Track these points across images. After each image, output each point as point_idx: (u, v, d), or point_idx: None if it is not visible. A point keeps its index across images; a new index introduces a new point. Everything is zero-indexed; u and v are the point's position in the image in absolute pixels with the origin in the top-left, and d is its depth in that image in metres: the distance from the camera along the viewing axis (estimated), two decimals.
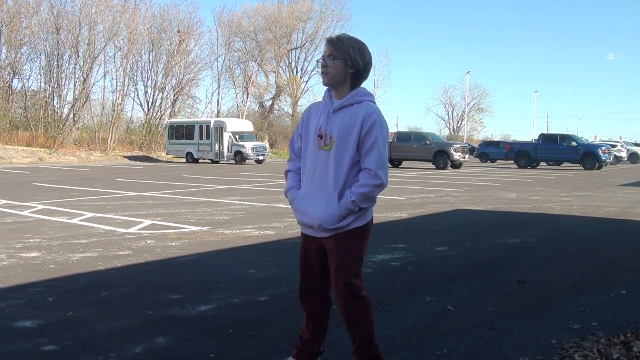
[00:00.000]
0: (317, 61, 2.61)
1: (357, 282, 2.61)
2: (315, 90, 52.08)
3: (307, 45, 54.33)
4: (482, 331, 3.46)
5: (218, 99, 49.11)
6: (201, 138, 30.05)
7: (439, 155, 24.74)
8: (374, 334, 2.68)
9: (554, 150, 26.53)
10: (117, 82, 37.09)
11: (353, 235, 2.56)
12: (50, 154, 29.68)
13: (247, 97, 48.19)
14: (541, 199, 11.57)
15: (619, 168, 29.06)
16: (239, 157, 28.55)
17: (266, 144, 34.01)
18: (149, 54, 40.24)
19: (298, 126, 2.73)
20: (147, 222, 7.78)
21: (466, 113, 74.69)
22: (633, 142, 43.70)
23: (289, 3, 53.45)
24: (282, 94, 52.93)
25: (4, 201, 10.35)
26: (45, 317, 3.64)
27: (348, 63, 2.51)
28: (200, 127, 30.25)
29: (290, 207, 2.72)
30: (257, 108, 51.49)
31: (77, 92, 34.83)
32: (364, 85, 2.65)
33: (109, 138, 35.04)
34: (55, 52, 34.42)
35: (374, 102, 2.60)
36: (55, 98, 34.96)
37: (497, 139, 63.09)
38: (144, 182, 15.48)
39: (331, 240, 2.57)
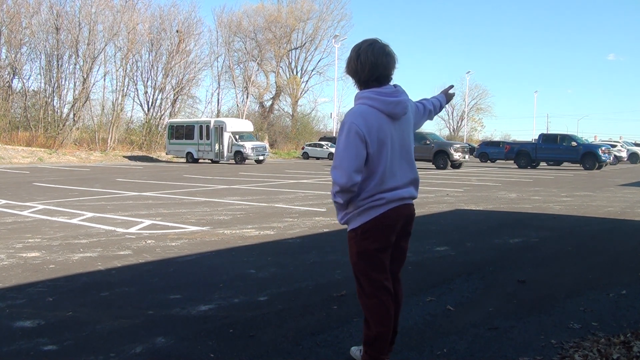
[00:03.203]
0: None
1: (362, 279, 2.66)
2: (315, 90, 52.19)
3: (307, 45, 54.44)
4: (482, 331, 3.46)
5: (218, 99, 49.23)
6: (201, 138, 30.05)
7: (439, 155, 24.71)
8: (382, 337, 2.66)
9: (554, 150, 26.50)
10: (117, 82, 37.17)
11: (349, 237, 2.71)
12: (50, 154, 29.68)
13: (247, 97, 48.21)
14: (541, 199, 11.57)
15: (619, 168, 29.05)
16: (239, 157, 28.55)
17: (266, 144, 34.00)
18: (149, 54, 40.33)
19: None
20: (147, 222, 7.78)
21: (466, 113, 74.74)
22: (633, 142, 43.68)
23: (288, 3, 53.55)
24: (282, 94, 52.97)
25: (4, 201, 10.35)
26: (45, 317, 3.64)
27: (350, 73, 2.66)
28: (200, 127, 30.25)
29: (290, 207, 2.77)
30: (257, 108, 51.53)
31: (77, 92, 34.86)
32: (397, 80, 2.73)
33: (109, 138, 35.03)
34: (55, 52, 34.44)
35: (363, 103, 2.57)
36: (55, 98, 35.00)
37: (497, 139, 63.18)
38: (144, 182, 15.48)
39: None
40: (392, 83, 2.64)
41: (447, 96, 3.19)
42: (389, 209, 2.60)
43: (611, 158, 27.81)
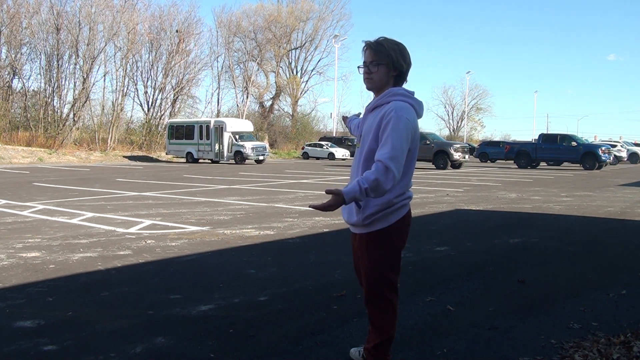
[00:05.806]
0: (358, 67, 2.61)
1: (383, 282, 2.61)
2: (315, 90, 52.24)
3: (307, 45, 54.45)
4: (482, 331, 3.46)
5: (218, 99, 49.23)
6: (201, 138, 30.05)
7: (439, 155, 24.72)
8: (392, 339, 2.67)
9: (554, 150, 26.49)
10: (117, 82, 37.15)
11: (375, 237, 2.57)
12: (50, 154, 29.67)
13: (247, 97, 48.21)
14: (541, 199, 11.57)
15: (619, 168, 29.05)
16: (239, 157, 28.55)
17: (266, 144, 34.00)
18: (149, 54, 40.33)
19: None
20: (147, 222, 7.78)
21: (466, 113, 74.74)
22: (633, 142, 43.69)
23: (288, 3, 53.58)
24: (282, 94, 52.98)
25: (4, 201, 10.35)
26: (45, 317, 3.64)
27: (390, 67, 2.52)
28: (200, 127, 30.25)
29: (290, 207, 2.73)
30: (257, 108, 51.53)
31: (77, 92, 34.83)
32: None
33: (109, 138, 35.03)
34: (55, 52, 34.41)
35: (404, 101, 2.49)
36: (55, 98, 34.97)
37: (497, 139, 63.17)
38: (144, 182, 15.48)
39: (356, 238, 2.66)
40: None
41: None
42: (409, 208, 2.64)
43: (611, 158, 27.80)
